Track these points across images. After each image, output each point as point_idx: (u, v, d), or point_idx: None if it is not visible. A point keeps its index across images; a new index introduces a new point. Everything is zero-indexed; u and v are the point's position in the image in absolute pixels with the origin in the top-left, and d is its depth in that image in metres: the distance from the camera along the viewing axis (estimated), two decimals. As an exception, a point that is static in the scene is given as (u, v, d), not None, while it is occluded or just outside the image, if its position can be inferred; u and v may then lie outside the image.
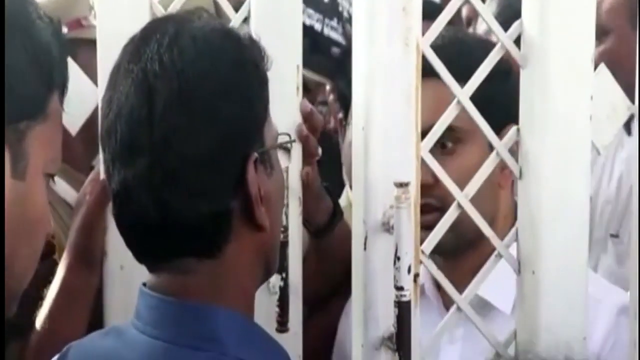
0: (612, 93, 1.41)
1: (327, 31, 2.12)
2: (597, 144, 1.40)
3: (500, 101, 1.43)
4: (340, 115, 2.19)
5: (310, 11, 2.03)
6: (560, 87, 1.34)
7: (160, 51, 1.09)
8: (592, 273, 1.63)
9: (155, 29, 1.14)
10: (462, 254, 1.56)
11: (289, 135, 1.24)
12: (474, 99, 1.34)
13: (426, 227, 1.35)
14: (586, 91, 1.34)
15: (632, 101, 1.44)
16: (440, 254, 1.49)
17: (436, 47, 1.32)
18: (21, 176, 0.90)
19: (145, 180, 1.09)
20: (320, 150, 1.59)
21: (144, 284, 1.15)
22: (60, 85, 0.95)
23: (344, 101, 1.94)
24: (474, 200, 1.35)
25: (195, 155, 1.08)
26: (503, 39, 1.35)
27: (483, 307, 1.54)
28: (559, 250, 1.33)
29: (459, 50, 1.51)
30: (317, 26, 2.08)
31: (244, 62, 1.13)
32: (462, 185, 1.35)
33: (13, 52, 0.87)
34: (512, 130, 1.37)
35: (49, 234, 1.47)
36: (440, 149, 1.51)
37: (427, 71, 1.32)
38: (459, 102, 1.34)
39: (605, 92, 1.40)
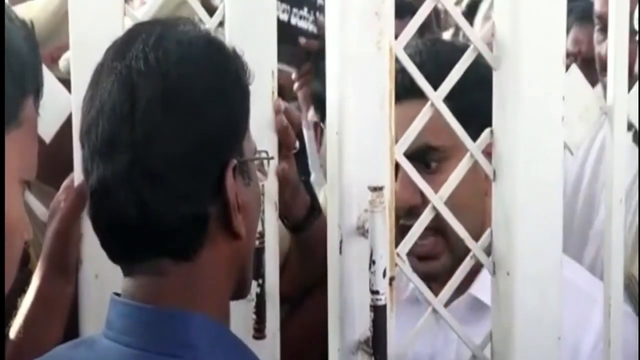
0: (584, 93, 1.41)
1: (294, 21, 2.12)
2: (569, 144, 1.41)
3: (485, 110, 1.42)
4: (315, 118, 2.19)
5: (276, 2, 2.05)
6: (532, 88, 1.34)
7: (146, 50, 1.10)
8: (588, 273, 1.63)
9: (140, 30, 1.14)
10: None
11: (267, 152, 1.24)
12: (458, 108, 1.34)
13: (424, 257, 1.41)
14: (558, 92, 1.35)
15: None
16: (435, 281, 1.50)
17: (415, 62, 1.32)
18: None
19: (124, 177, 1.09)
20: (297, 144, 1.59)
21: (117, 294, 1.14)
22: (34, 90, 0.94)
23: (321, 104, 1.94)
24: (460, 209, 1.36)
25: (176, 155, 1.08)
26: (475, 40, 1.36)
27: (479, 307, 1.55)
28: (533, 251, 1.34)
29: (437, 63, 1.49)
30: (284, 16, 2.08)
31: (228, 70, 1.14)
32: (449, 201, 1.34)
33: None
34: (486, 132, 1.37)
35: (26, 242, 1.47)
36: (425, 168, 1.52)
37: (408, 91, 1.32)
38: (432, 104, 1.35)
39: (577, 92, 1.41)
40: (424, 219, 1.36)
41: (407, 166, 1.35)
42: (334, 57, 1.31)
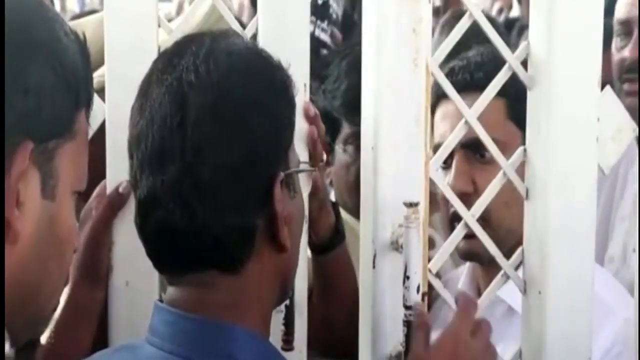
0: (617, 114, 1.42)
1: (317, 32, 2.14)
2: (602, 164, 1.41)
3: None
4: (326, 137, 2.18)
5: None
6: (567, 108, 1.35)
7: (197, 62, 1.11)
8: (615, 283, 1.63)
9: (190, 42, 1.15)
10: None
11: (309, 163, 1.24)
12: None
13: (468, 237, 1.40)
14: (592, 112, 1.36)
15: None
16: (477, 260, 1.53)
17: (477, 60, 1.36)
18: (51, 196, 0.89)
19: (174, 188, 1.09)
20: (325, 157, 1.60)
21: (160, 300, 1.15)
22: (86, 101, 0.94)
23: (332, 123, 1.93)
24: (507, 217, 1.43)
25: (226, 166, 1.09)
26: (510, 60, 1.36)
27: (512, 314, 1.55)
28: (565, 271, 1.34)
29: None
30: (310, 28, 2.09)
31: (276, 83, 1.14)
32: (500, 193, 1.38)
33: (40, 71, 0.86)
34: (519, 150, 1.38)
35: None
36: (480, 158, 1.56)
37: (467, 84, 1.38)
38: (466, 122, 1.36)
39: (611, 112, 1.41)
40: (456, 236, 1.37)
41: (441, 183, 1.36)
42: (371, 73, 1.32)
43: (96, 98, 1.53)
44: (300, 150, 1.53)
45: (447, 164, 1.57)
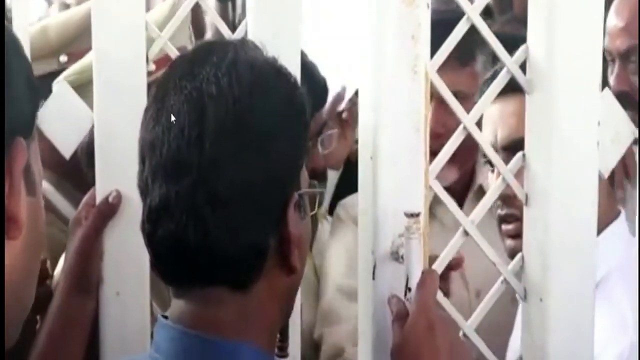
0: (616, 117, 1.40)
1: None
2: (601, 168, 1.40)
3: None
4: None
5: None
6: (567, 113, 1.33)
7: (218, 74, 1.08)
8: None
9: (211, 50, 1.12)
10: None
11: (315, 184, 1.21)
12: None
13: (511, 236, 1.47)
14: (593, 116, 1.34)
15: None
16: None
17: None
18: (33, 192, 0.89)
19: (188, 199, 1.07)
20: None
21: (164, 316, 1.12)
22: (38, 102, 0.94)
23: None
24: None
25: (242, 184, 1.07)
26: (509, 63, 1.34)
27: None
28: (566, 278, 1.33)
29: None
30: None
31: (294, 102, 1.12)
32: None
33: (14, 74, 0.86)
34: (518, 155, 1.36)
35: (43, 258, 1.45)
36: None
37: (506, 87, 1.34)
38: (465, 128, 1.33)
39: (610, 116, 1.39)
40: (455, 244, 1.35)
41: (440, 191, 1.33)
42: (369, 80, 1.29)
43: (83, 106, 1.52)
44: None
45: (492, 166, 1.58)
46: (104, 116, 1.47)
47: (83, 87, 1.57)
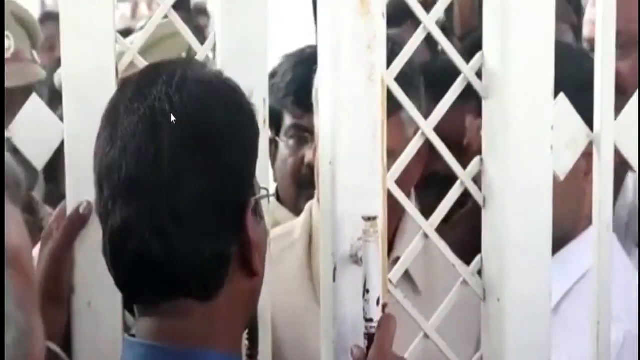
0: (570, 122, 1.44)
1: None
2: (557, 171, 1.43)
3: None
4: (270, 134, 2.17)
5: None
6: (521, 117, 1.37)
7: (169, 92, 1.11)
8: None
9: (159, 71, 1.15)
10: None
11: (267, 189, 1.25)
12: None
13: None
14: (547, 121, 1.38)
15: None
16: None
17: None
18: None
19: (150, 217, 1.09)
20: None
21: (131, 335, 1.14)
22: None
23: (276, 116, 1.92)
24: (562, 206, 1.42)
25: (201, 195, 1.10)
26: (465, 70, 1.38)
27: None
28: (523, 278, 1.36)
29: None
30: None
31: (244, 110, 1.15)
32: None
33: None
34: (476, 159, 1.39)
35: None
36: None
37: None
38: (423, 134, 1.37)
39: (564, 120, 1.43)
40: (415, 247, 1.38)
41: (399, 195, 1.37)
42: (327, 89, 1.33)
43: (55, 118, 1.55)
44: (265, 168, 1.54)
45: None
46: (74, 128, 1.49)
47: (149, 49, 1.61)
